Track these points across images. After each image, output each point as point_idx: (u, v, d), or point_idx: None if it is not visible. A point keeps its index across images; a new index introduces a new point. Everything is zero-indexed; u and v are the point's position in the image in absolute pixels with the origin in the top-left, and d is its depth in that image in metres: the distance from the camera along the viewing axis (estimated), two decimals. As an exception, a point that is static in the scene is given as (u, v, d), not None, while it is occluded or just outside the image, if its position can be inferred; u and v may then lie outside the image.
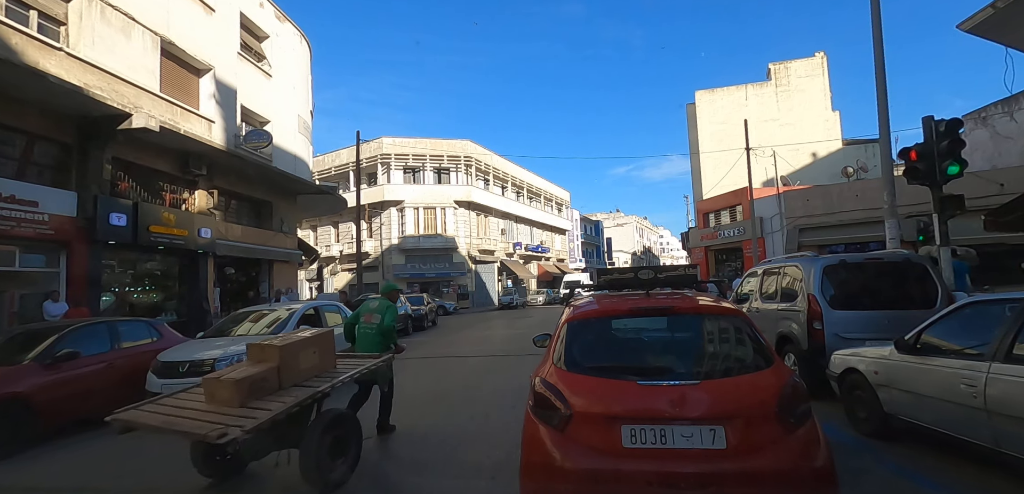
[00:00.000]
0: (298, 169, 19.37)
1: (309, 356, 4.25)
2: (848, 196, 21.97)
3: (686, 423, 2.45)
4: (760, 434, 2.44)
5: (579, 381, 2.73)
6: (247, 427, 3.22)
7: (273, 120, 18.08)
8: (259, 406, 3.59)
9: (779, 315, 6.44)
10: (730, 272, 28.18)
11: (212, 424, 3.29)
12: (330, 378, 4.19)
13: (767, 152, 26.44)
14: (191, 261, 14.21)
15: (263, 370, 3.87)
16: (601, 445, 2.49)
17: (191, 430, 3.34)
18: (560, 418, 2.61)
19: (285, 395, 3.81)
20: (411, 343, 14.95)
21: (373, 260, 37.22)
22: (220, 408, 3.63)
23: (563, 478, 2.47)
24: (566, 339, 3.04)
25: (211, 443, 3.25)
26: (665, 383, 2.62)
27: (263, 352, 4.07)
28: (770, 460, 2.37)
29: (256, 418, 3.37)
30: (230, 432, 3.13)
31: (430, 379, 8.72)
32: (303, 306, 7.79)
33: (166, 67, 12.96)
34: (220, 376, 3.86)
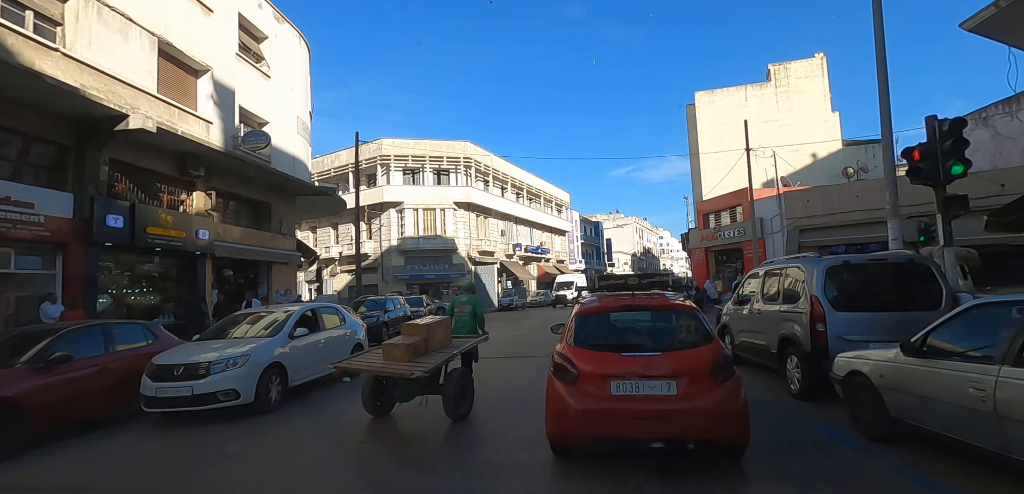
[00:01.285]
0: (297, 170, 19.31)
1: (439, 333, 6.15)
2: (848, 197, 21.91)
3: (652, 379, 3.82)
4: (699, 386, 3.77)
5: (584, 353, 4.11)
6: (426, 369, 5.24)
7: (272, 121, 18.01)
8: (421, 361, 5.44)
9: (781, 317, 6.37)
10: (730, 273, 28.12)
11: (407, 366, 5.29)
12: (454, 348, 6.15)
13: (767, 153, 26.39)
14: (189, 263, 14.14)
15: (418, 340, 5.73)
16: (597, 393, 3.86)
17: (393, 372, 5.31)
18: (571, 377, 3.98)
19: (432, 356, 5.69)
20: None
21: (372, 261, 37.14)
22: (396, 362, 5.50)
23: (573, 415, 3.85)
24: (575, 325, 4.42)
25: (381, 385, 5.82)
26: (640, 354, 4.02)
27: (414, 329, 6.01)
28: (705, 402, 3.70)
29: (426, 366, 5.31)
30: (417, 372, 5.14)
31: None
32: (301, 308, 7.71)
33: (164, 68, 12.90)
34: (395, 342, 5.82)
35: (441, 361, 5.67)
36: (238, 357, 6.10)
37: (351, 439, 5.34)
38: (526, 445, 4.82)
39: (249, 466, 4.69)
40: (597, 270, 68.50)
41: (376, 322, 15.00)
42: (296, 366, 6.99)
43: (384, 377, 5.62)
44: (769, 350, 6.70)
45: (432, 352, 5.84)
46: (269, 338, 6.80)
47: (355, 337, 8.89)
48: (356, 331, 9.08)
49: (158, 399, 5.88)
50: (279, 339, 6.83)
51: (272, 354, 6.57)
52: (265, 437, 5.50)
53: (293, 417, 6.25)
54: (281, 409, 6.54)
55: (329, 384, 8.12)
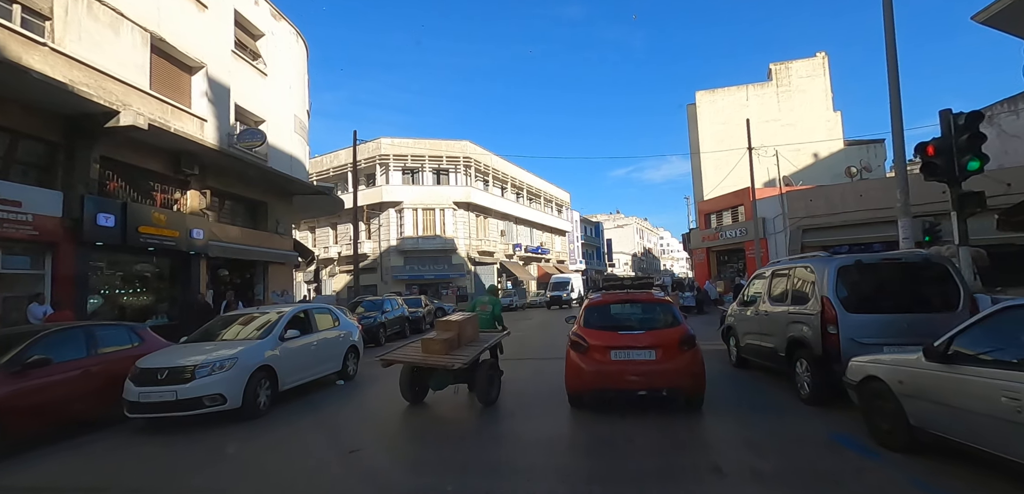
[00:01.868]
0: (294, 169, 19.08)
1: (469, 328, 6.84)
2: (851, 196, 21.67)
3: (639, 349, 5.46)
4: (671, 353, 5.39)
5: (592, 332, 5.74)
6: (463, 361, 5.99)
7: (268, 119, 17.77)
8: (457, 354, 6.19)
9: (790, 318, 6.13)
10: (732, 273, 27.88)
11: (448, 358, 6.05)
12: (483, 342, 6.79)
13: (769, 152, 26.15)
14: (183, 263, 13.91)
15: (452, 335, 6.43)
16: (601, 359, 5.49)
17: (434, 363, 6.12)
18: (583, 348, 5.61)
19: (466, 350, 6.38)
20: (400, 347, 14.64)
21: (371, 261, 36.91)
22: (435, 355, 6.19)
23: (585, 374, 5.50)
24: (586, 313, 6.16)
25: (418, 375, 6.47)
26: (631, 332, 5.74)
27: (447, 326, 6.64)
28: (674, 364, 5.34)
29: (463, 358, 6.09)
30: (457, 364, 5.93)
31: None
32: (292, 309, 7.46)
33: (157, 64, 12.67)
34: (433, 337, 6.48)
35: (477, 353, 6.40)
36: (225, 361, 5.85)
37: (343, 445, 5.10)
38: (531, 450, 4.58)
39: (233, 475, 4.46)
40: (597, 270, 68.22)
41: (373, 323, 14.77)
42: (287, 369, 6.75)
43: (419, 367, 6.36)
44: (777, 353, 6.47)
45: (464, 346, 6.50)
46: (258, 340, 6.56)
47: (349, 339, 8.66)
48: (351, 332, 8.84)
49: (141, 404, 5.63)
50: (269, 341, 6.59)
51: (261, 357, 6.33)
52: (252, 443, 5.26)
53: (283, 423, 6.00)
54: (271, 414, 6.30)
55: (322, 387, 7.89)
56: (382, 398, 7.55)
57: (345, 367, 8.37)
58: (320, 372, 7.72)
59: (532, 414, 5.95)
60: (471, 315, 7.26)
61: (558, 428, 5.40)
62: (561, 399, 6.09)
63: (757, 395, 6.36)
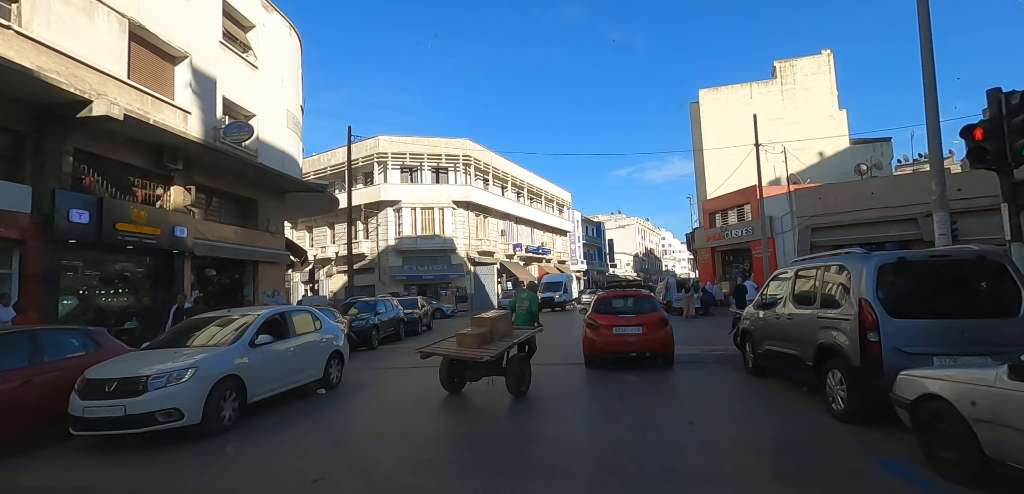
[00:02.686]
0: (287, 166, 18.44)
1: (502, 324, 7.27)
2: (862, 194, 20.96)
3: (631, 326, 8.53)
4: (651, 329, 8.45)
5: (600, 316, 8.80)
6: (492, 354, 6.42)
7: (259, 114, 17.16)
8: (487, 348, 6.56)
9: (819, 323, 5.45)
10: (738, 274, 27.16)
11: (478, 351, 6.43)
12: (514, 338, 7.15)
13: (777, 149, 25.45)
14: (166, 262, 13.28)
15: (485, 330, 6.80)
16: (606, 333, 8.58)
17: (466, 356, 6.52)
18: (595, 326, 8.64)
19: (497, 344, 6.76)
20: (393, 350, 14.18)
21: (369, 261, 36.28)
22: (468, 348, 6.61)
23: (597, 343, 8.53)
24: (596, 303, 9.30)
25: (457, 366, 6.93)
26: (625, 316, 8.77)
27: (481, 322, 6.99)
28: (653, 336, 8.43)
29: (491, 352, 6.45)
30: (485, 356, 6.34)
31: (395, 406, 7.64)
32: (266, 312, 6.78)
33: (136, 53, 12.04)
34: (467, 332, 6.85)
35: (504, 348, 6.79)
36: (183, 370, 5.19)
37: (307, 471, 4.41)
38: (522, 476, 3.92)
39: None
40: (599, 271, 67.49)
41: (365, 325, 14.10)
42: (257, 379, 6.08)
43: (456, 359, 6.80)
44: (802, 361, 5.79)
45: (496, 340, 6.92)
46: (225, 347, 5.89)
47: (332, 344, 7.99)
48: (334, 337, 8.18)
49: (86, 420, 4.98)
50: (236, 348, 5.91)
51: (227, 365, 5.66)
52: (209, 470, 4.60)
53: (249, 441, 5.34)
54: (237, 430, 5.63)
55: (301, 397, 7.22)
56: (365, 409, 6.89)
57: (327, 374, 7.71)
58: (298, 380, 7.06)
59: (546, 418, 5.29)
60: (505, 313, 7.98)
61: (574, 434, 4.75)
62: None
63: (781, 410, 5.68)
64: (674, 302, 22.69)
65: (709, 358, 9.68)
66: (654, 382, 7.68)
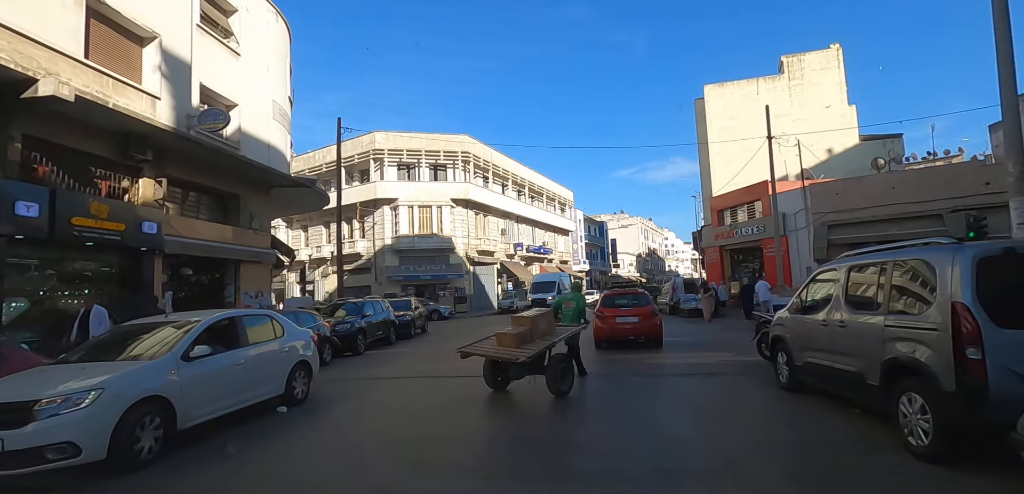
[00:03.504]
0: (272, 159, 17.39)
1: (543, 323, 7.14)
2: (883, 189, 19.78)
3: (630, 317, 11.58)
4: (645, 319, 11.55)
5: (606, 310, 11.96)
6: (530, 354, 6.46)
7: (241, 104, 16.12)
8: (526, 347, 6.59)
9: (888, 334, 4.32)
10: (748, 274, 26.00)
11: (516, 351, 6.53)
12: (555, 336, 7.08)
13: (790, 142, 24.29)
14: (134, 260, 12.21)
15: (525, 330, 6.78)
16: (611, 323, 11.63)
17: (503, 356, 6.62)
18: (603, 318, 11.77)
19: (536, 343, 6.72)
20: (382, 356, 13.11)
21: (366, 261, 35.23)
22: (507, 348, 6.66)
23: (603, 330, 11.63)
24: (603, 299, 12.78)
25: (500, 365, 6.97)
26: (625, 308, 11.84)
27: (521, 321, 6.95)
28: (647, 324, 11.51)
29: (528, 352, 6.49)
30: (521, 356, 6.43)
31: (379, 417, 6.58)
32: (208, 319, 5.65)
33: (96, 30, 10.99)
34: (507, 331, 6.84)
35: (543, 347, 6.66)
36: (83, 393, 4.09)
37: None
38: None
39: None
40: (601, 271, 66.33)
41: (350, 328, 13.01)
42: (193, 399, 4.99)
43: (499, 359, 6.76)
44: (861, 380, 4.67)
45: (536, 339, 6.81)
46: (146, 362, 4.80)
47: (297, 353, 6.89)
48: (301, 344, 7.07)
49: (-45, 458, 3.89)
50: (162, 363, 4.82)
51: (148, 385, 4.57)
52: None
53: (164, 481, 4.24)
54: (158, 465, 4.53)
55: (254, 419, 6.10)
56: (331, 432, 5.78)
57: (290, 389, 6.62)
58: (252, 398, 5.96)
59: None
60: (547, 311, 7.90)
61: None
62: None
63: (841, 443, 4.53)
64: (682, 303, 21.56)
65: (731, 368, 8.56)
66: (673, 398, 6.58)
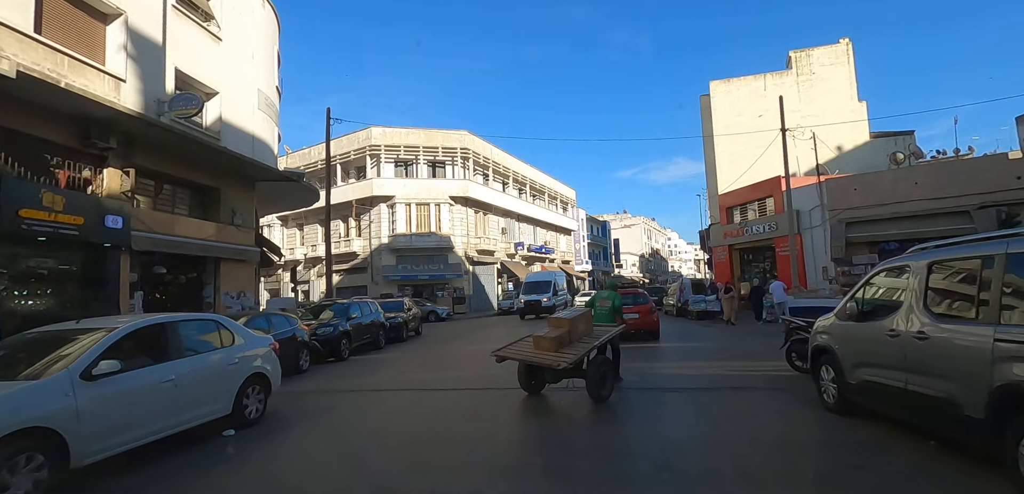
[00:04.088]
0: (258, 152, 16.40)
1: (581, 325, 6.85)
2: (905, 185, 18.66)
3: (631, 313, 12.20)
4: (645, 315, 13.74)
5: None
6: (572, 360, 6.02)
7: (223, 92, 15.14)
8: (565, 352, 6.25)
9: (1001, 352, 3.23)
10: (758, 274, 24.88)
11: (554, 356, 6.14)
12: (595, 339, 6.75)
13: (805, 134, 23.17)
14: (97, 257, 11.21)
15: (563, 332, 6.49)
16: None
17: (541, 361, 6.28)
18: None
19: (575, 347, 6.39)
20: (368, 362, 11.73)
21: (362, 261, 34.23)
22: (544, 352, 6.30)
23: None
24: None
25: (535, 369, 6.65)
26: (628, 305, 11.90)
27: (558, 323, 6.70)
28: (646, 320, 13.68)
29: (569, 357, 6.07)
30: (562, 363, 5.98)
31: (340, 444, 5.50)
32: (123, 328, 4.54)
33: (51, 4, 9.99)
34: (544, 334, 6.47)
35: (584, 352, 6.28)
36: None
37: None
38: None
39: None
40: (604, 271, 65.20)
41: (333, 332, 11.96)
42: (98, 428, 3.95)
43: None
44: (954, 409, 3.58)
45: (575, 342, 6.47)
46: (26, 385, 3.75)
47: (250, 365, 5.82)
48: (255, 355, 6.00)
49: None
50: (52, 384, 3.76)
51: (27, 414, 3.53)
52: None
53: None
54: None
55: (191, 446, 5.05)
56: (286, 463, 4.71)
57: (240, 408, 5.57)
58: (187, 421, 4.91)
59: None
60: (586, 311, 7.45)
61: None
62: None
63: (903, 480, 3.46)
64: (691, 304, 20.47)
65: (759, 382, 7.47)
66: (696, 421, 5.51)
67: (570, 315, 6.95)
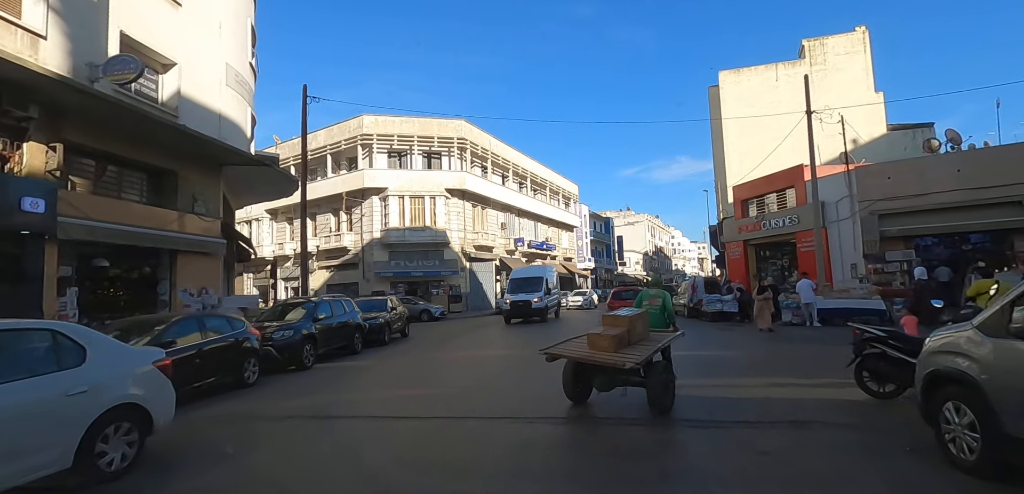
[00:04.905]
0: (226, 132, 14.68)
1: (640, 325, 6.31)
2: (945, 173, 16.77)
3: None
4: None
5: (614, 301, 19.20)
6: (639, 360, 5.30)
7: (182, 63, 13.45)
8: (628, 352, 5.60)
9: None
10: (774, 271, 23.04)
11: (618, 356, 5.42)
12: (656, 341, 6.14)
13: (834, 117, 21.31)
14: (14, 247, 9.47)
15: (622, 332, 5.85)
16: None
17: (604, 361, 5.51)
18: (612, 307, 14.57)
19: (638, 348, 5.80)
20: (336, 371, 9.62)
21: (353, 256, 32.48)
22: (603, 352, 5.63)
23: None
24: (612, 294, 22.26)
25: (582, 372, 6.05)
26: (629, 300, 15.60)
27: (616, 321, 6.07)
28: None
29: (636, 357, 5.38)
30: (628, 362, 5.24)
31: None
32: None
33: (-57, -62, 8.23)
34: (601, 332, 5.85)
35: (651, 352, 5.70)
36: None
37: None
38: None
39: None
40: (607, 270, 63.35)
41: (292, 337, 10.17)
42: None
43: (583, 364, 5.87)
44: None
45: (635, 343, 5.95)
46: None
47: (110, 397, 4.02)
48: (122, 377, 4.21)
49: None
50: None
51: None
52: None
53: None
54: None
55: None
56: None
57: (90, 457, 3.80)
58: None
59: None
60: (642, 311, 6.82)
61: None
62: None
63: None
64: (706, 304, 18.68)
65: (823, 410, 5.63)
66: (758, 480, 3.72)
67: (627, 314, 6.27)
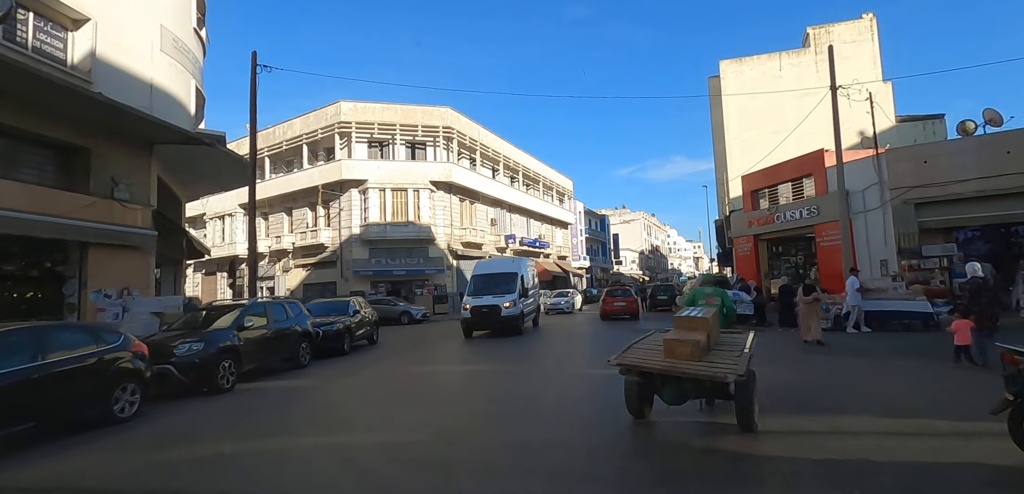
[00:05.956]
0: (157, 106, 12.44)
1: (715, 330, 5.52)
2: (992, 155, 14.74)
3: (619, 303, 21.39)
4: (630, 304, 21.30)
5: (608, 298, 22.29)
6: (740, 372, 4.39)
7: (98, 19, 11.30)
8: (718, 362, 4.75)
9: None
10: (789, 269, 21.00)
11: (714, 368, 4.56)
12: (739, 345, 5.37)
13: (862, 93, 19.26)
14: None
15: (702, 337, 4.99)
16: (610, 304, 21.61)
17: (695, 372, 4.62)
18: (606, 302, 22.01)
19: (722, 355, 4.99)
20: (257, 398, 6.75)
21: (331, 254, 30.09)
22: (685, 360, 4.76)
23: (606, 310, 21.53)
24: (606, 294, 23.24)
25: (647, 383, 5.14)
26: (618, 298, 21.76)
27: (693, 323, 5.25)
28: (631, 307, 21.13)
29: (732, 367, 4.52)
30: (729, 375, 4.38)
31: None
32: None
33: None
34: (679, 337, 4.95)
35: (746, 361, 4.80)
36: None
37: None
38: None
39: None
40: (602, 268, 61.28)
41: (203, 351, 7.82)
42: None
43: (651, 374, 5.04)
44: None
45: (714, 349, 5.22)
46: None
47: None
48: None
49: None
50: None
51: None
52: None
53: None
54: None
55: None
56: None
57: None
58: None
59: None
60: (713, 311, 5.68)
61: None
62: None
63: None
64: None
65: (971, 485, 3.47)
66: None
67: (701, 315, 5.42)
